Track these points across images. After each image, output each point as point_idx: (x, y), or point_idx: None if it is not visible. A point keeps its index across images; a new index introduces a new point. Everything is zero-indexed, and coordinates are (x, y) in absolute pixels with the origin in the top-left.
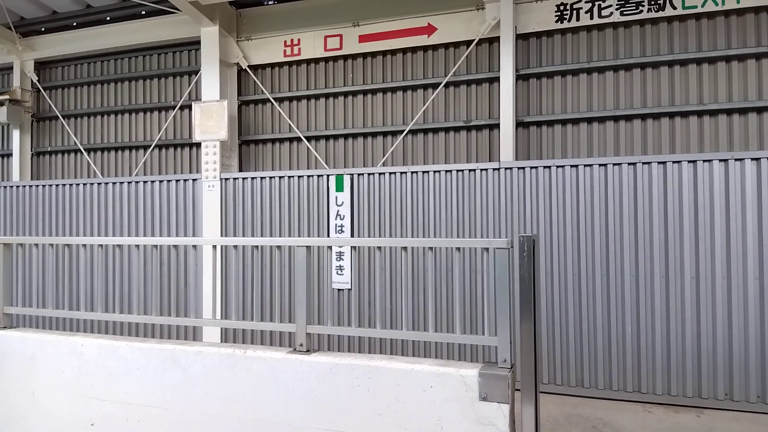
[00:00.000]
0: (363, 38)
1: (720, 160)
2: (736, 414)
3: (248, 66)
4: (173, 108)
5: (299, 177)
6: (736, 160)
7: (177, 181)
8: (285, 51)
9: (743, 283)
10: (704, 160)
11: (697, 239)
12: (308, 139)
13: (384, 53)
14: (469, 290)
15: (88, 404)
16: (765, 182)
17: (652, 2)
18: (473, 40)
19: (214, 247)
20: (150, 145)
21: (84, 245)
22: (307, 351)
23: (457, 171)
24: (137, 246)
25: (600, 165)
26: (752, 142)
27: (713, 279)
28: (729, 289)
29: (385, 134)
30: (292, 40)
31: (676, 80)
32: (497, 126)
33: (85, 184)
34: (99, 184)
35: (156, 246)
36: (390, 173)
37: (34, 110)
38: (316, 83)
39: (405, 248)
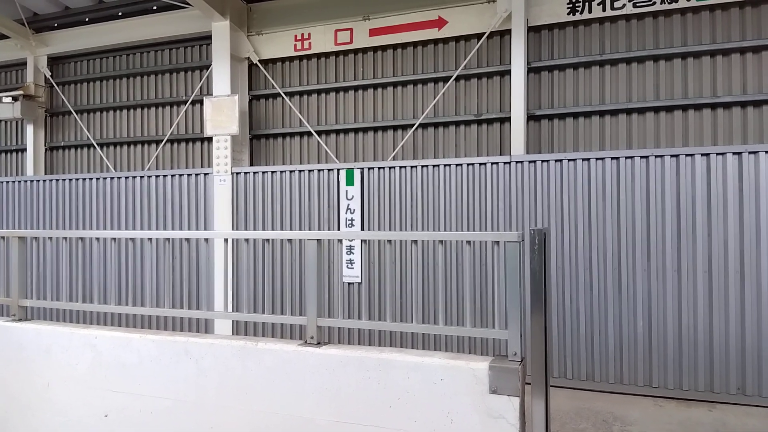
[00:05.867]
0: (373, 32)
1: (734, 153)
2: (748, 409)
3: (259, 60)
4: (185, 103)
5: (309, 171)
6: (750, 153)
7: (189, 175)
8: (295, 45)
9: (757, 277)
10: (718, 153)
11: (710, 233)
12: (318, 133)
13: (394, 47)
14: (480, 284)
15: (102, 396)
16: None
17: None
18: (484, 33)
19: (226, 240)
20: (162, 140)
21: (97, 238)
22: (318, 344)
23: (468, 165)
24: (150, 239)
25: (612, 158)
26: (767, 135)
27: (726, 273)
28: (742, 283)
29: (395, 128)
30: (302, 35)
31: (689, 72)
32: (509, 119)
33: (98, 179)
34: (112, 178)
35: (168, 239)
36: (400, 167)
37: (47, 105)
38: (327, 77)
39: (415, 242)
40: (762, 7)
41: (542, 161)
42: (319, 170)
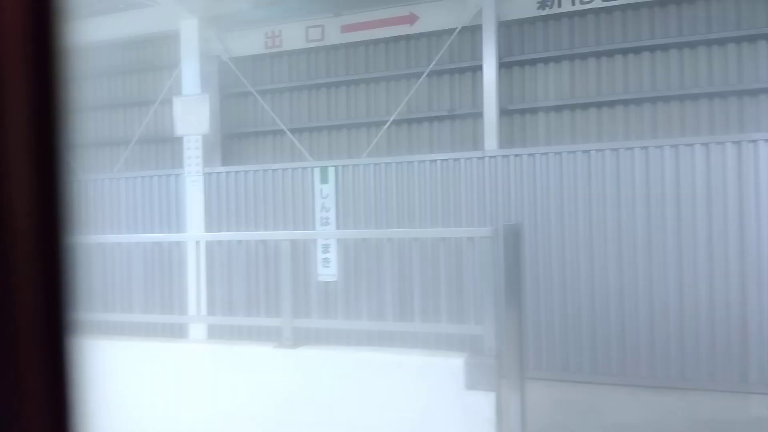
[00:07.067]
0: (345, 28)
1: (701, 144)
2: (719, 394)
3: (229, 59)
4: (154, 103)
5: (284, 170)
6: (717, 143)
7: (159, 176)
8: (266, 43)
9: (725, 266)
10: (686, 145)
11: (679, 223)
12: (292, 131)
13: (366, 43)
14: (456, 280)
15: None
16: (745, 165)
17: None
18: (456, 28)
19: (198, 242)
20: (130, 141)
21: None
22: (294, 345)
23: (442, 161)
24: (119, 243)
25: (583, 152)
26: (732, 126)
27: (696, 263)
28: (711, 274)
29: (369, 125)
30: (273, 32)
31: (656, 66)
32: (482, 115)
33: None
34: (79, 181)
35: (138, 243)
36: (375, 164)
37: None
38: (298, 75)
39: (390, 239)
40: (727, 1)
41: (515, 156)
42: (293, 169)
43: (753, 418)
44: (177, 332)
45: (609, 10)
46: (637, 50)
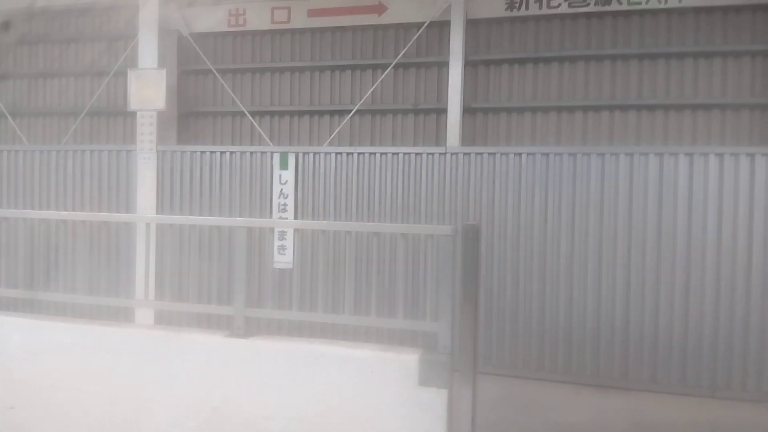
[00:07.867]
0: (312, 12)
1: (656, 154)
2: (659, 396)
3: (190, 34)
4: (108, 74)
5: (242, 153)
6: (670, 154)
7: (110, 151)
8: (229, 20)
9: (671, 272)
10: (641, 154)
11: (630, 229)
12: (252, 114)
13: (333, 30)
14: (413, 275)
15: (8, 387)
16: (696, 176)
17: None
18: (424, 22)
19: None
20: (82, 112)
21: (5, 218)
22: (246, 335)
23: (404, 154)
24: (64, 221)
25: (542, 154)
26: (686, 138)
27: (643, 267)
28: (658, 278)
29: (332, 113)
30: (237, 9)
31: (617, 75)
32: (445, 111)
33: (8, 151)
34: (25, 151)
35: (84, 222)
36: (336, 153)
37: None
38: (262, 56)
39: (349, 232)
40: (687, 16)
41: (476, 154)
42: (252, 153)
43: (688, 420)
44: (123, 317)
45: (574, 17)
46: (599, 58)
